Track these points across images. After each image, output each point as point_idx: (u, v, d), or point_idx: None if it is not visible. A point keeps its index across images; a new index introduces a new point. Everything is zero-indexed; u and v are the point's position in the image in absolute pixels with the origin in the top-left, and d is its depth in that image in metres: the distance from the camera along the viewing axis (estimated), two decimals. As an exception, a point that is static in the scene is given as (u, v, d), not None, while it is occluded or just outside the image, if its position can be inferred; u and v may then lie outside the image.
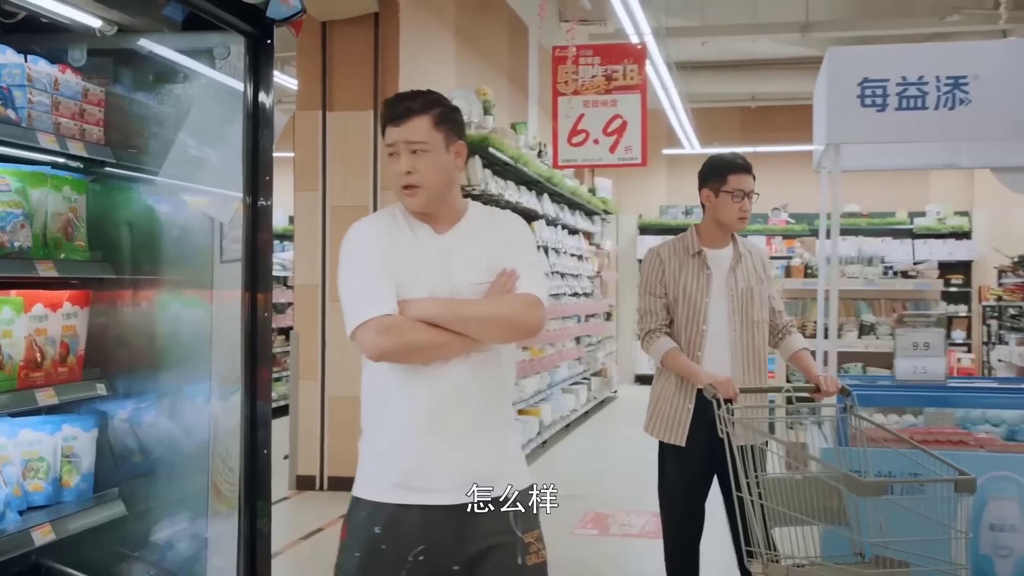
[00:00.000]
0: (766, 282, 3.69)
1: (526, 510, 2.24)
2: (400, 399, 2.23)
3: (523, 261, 2.26)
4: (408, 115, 2.19)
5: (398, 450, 2.21)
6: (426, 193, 2.20)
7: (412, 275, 2.20)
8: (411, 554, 2.16)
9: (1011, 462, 4.08)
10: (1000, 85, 4.06)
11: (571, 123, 6.51)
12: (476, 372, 2.21)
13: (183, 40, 2.69)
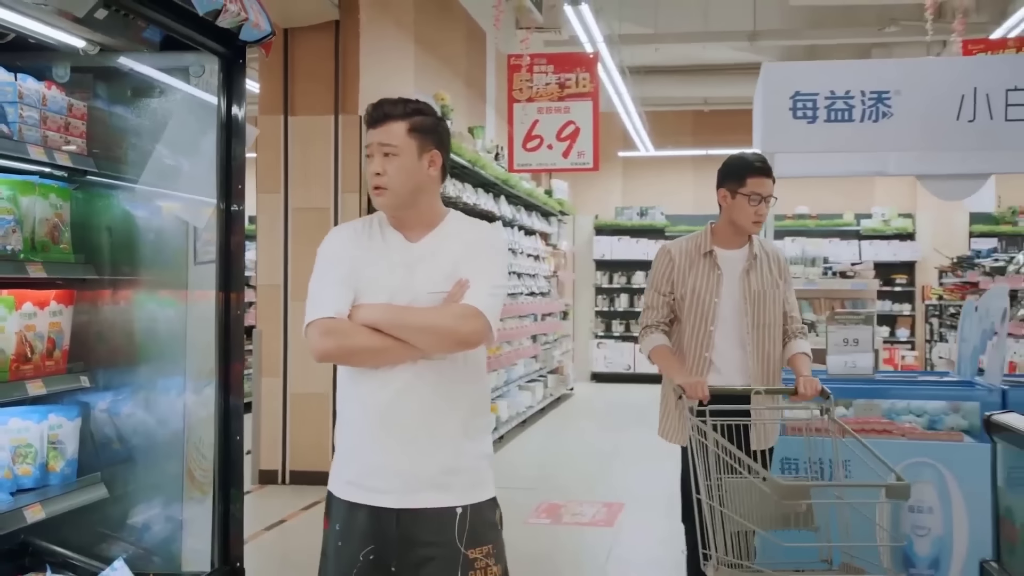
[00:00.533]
0: (781, 286, 3.60)
1: (475, 524, 2.24)
2: (353, 399, 2.31)
3: (477, 272, 2.28)
4: (385, 119, 2.28)
5: (352, 448, 2.30)
6: (392, 195, 2.27)
7: (375, 281, 2.27)
8: (362, 553, 2.23)
9: (929, 449, 4.41)
10: (919, 99, 4.39)
11: (526, 129, 6.78)
12: (423, 379, 2.25)
13: (161, 59, 2.90)
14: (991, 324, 4.71)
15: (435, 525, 2.22)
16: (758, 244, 3.61)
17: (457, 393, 2.30)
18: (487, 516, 2.30)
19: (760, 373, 3.53)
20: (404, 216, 2.34)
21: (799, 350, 3.56)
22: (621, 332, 15.25)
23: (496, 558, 2.27)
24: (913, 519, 4.44)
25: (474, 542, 2.23)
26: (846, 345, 5.09)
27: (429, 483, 2.23)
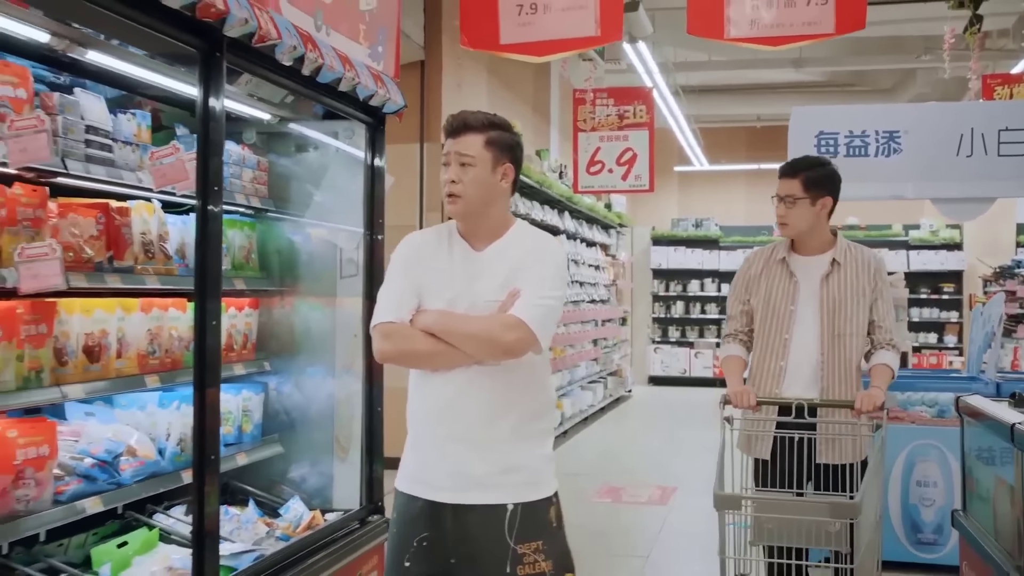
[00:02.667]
0: (868, 293, 3.41)
1: (526, 521, 2.31)
2: (416, 399, 2.43)
3: (529, 282, 2.33)
4: (464, 130, 2.37)
5: (413, 445, 2.43)
6: (464, 203, 2.36)
7: (437, 288, 2.37)
8: (416, 539, 2.34)
9: (933, 433, 5.21)
10: (924, 138, 5.20)
11: (589, 155, 7.68)
12: (478, 382, 2.32)
13: (323, 125, 3.88)
14: (991, 328, 5.49)
15: (486, 520, 2.30)
16: (843, 250, 3.46)
17: (512, 397, 2.35)
18: (540, 514, 2.35)
19: (833, 384, 3.38)
20: (474, 225, 2.41)
21: (879, 361, 3.39)
22: (677, 338, 16.03)
23: (547, 554, 2.31)
24: (920, 492, 5.24)
25: (524, 538, 2.29)
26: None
27: (480, 482, 2.30)
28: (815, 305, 3.40)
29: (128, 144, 2.99)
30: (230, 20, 2.57)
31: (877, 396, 3.20)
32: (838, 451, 3.37)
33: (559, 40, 4.03)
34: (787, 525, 2.89)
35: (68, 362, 2.76)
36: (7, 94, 2.50)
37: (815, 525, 2.87)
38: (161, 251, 3.17)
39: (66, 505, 2.63)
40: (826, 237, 3.49)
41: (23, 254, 2.45)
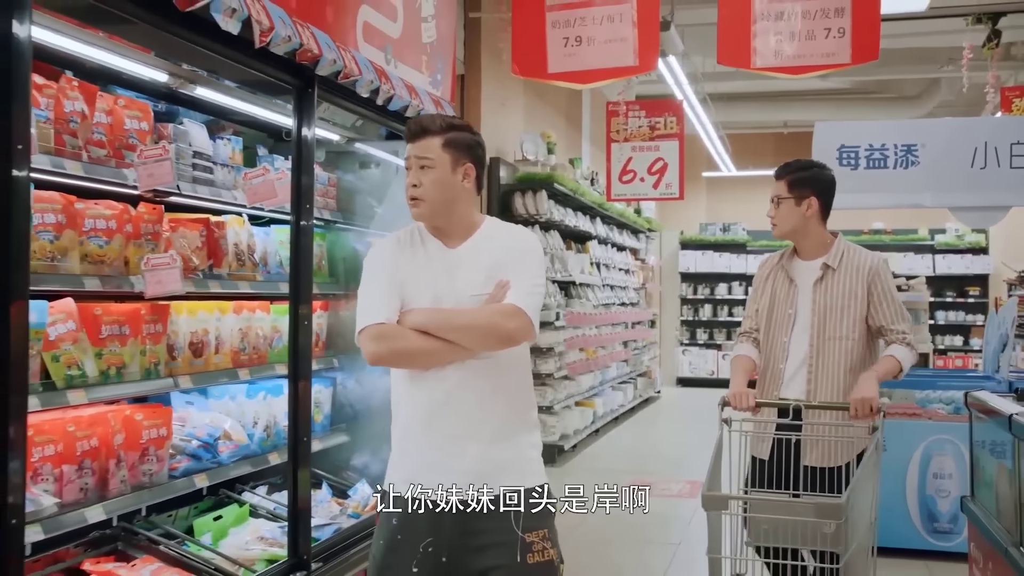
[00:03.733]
0: (862, 298, 3.40)
1: (529, 510, 2.31)
2: (406, 400, 2.38)
3: (517, 273, 2.34)
4: (422, 134, 2.36)
5: (407, 446, 2.37)
6: (428, 205, 2.35)
7: (418, 287, 2.35)
8: (421, 545, 2.29)
9: (948, 428, 5.53)
10: (941, 151, 5.53)
11: (621, 165, 8.05)
12: (471, 378, 2.32)
13: (385, 145, 4.29)
14: (1005, 330, 5.80)
15: (492, 513, 2.29)
16: (837, 255, 3.47)
17: (505, 390, 2.37)
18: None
19: (820, 388, 3.40)
20: (441, 225, 2.41)
21: (890, 352, 3.39)
22: (705, 340, 16.34)
23: (552, 542, 2.34)
24: (936, 484, 5.57)
25: (531, 526, 2.30)
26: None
27: (483, 476, 2.30)
28: (809, 309, 3.44)
29: (225, 166, 3.41)
30: (322, 61, 2.98)
31: (867, 401, 3.15)
32: (824, 454, 3.35)
33: (601, 69, 4.42)
34: (782, 526, 2.85)
35: (177, 357, 3.18)
36: (135, 127, 2.93)
37: (810, 526, 2.81)
38: (250, 260, 3.59)
39: (180, 479, 3.05)
40: (822, 240, 3.50)
41: (148, 264, 2.88)
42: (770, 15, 4.28)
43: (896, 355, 3.34)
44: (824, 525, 2.81)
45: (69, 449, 2.64)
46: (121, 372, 2.88)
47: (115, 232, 2.88)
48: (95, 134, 2.79)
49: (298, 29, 2.82)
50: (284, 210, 3.58)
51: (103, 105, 2.84)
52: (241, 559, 3.14)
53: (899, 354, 3.34)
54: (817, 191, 3.47)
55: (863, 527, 3.01)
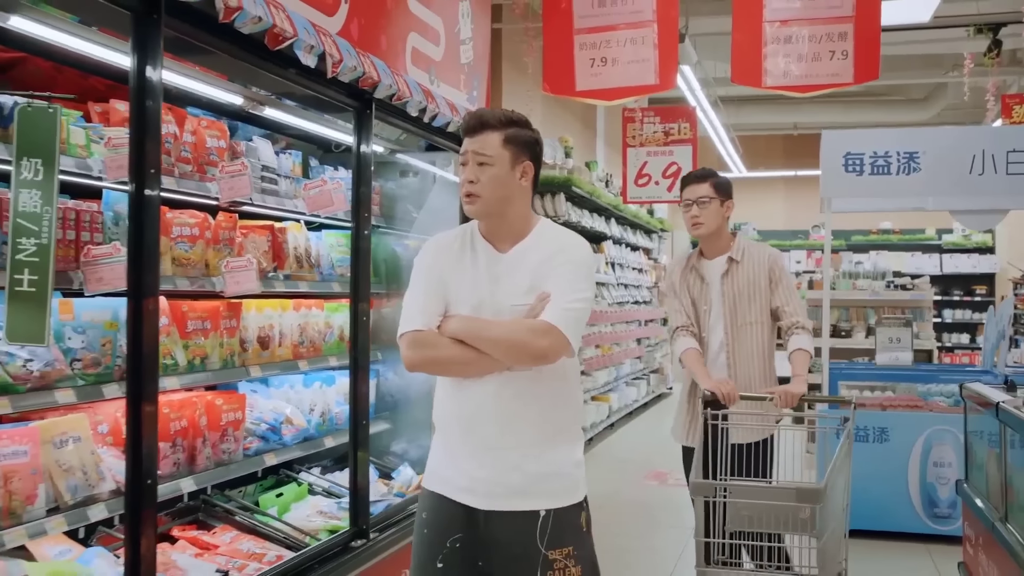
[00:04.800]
0: (765, 285, 3.73)
1: (557, 527, 2.27)
2: (445, 404, 2.39)
3: (558, 285, 2.28)
4: (481, 129, 2.29)
5: (444, 450, 2.38)
6: (483, 203, 2.29)
7: (461, 292, 2.32)
8: (449, 540, 2.30)
9: (948, 420, 5.87)
10: (941, 158, 5.85)
11: (636, 169, 8.40)
12: (509, 388, 2.27)
13: (424, 156, 4.66)
14: (1003, 327, 6.14)
15: (517, 526, 2.27)
16: (739, 249, 3.78)
17: (543, 403, 2.31)
18: (571, 520, 2.31)
19: (738, 370, 3.70)
20: (495, 225, 2.35)
21: (795, 347, 3.67)
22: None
23: (577, 559, 2.29)
24: (936, 471, 5.91)
25: (555, 544, 2.26)
26: (891, 343, 6.59)
27: (515, 489, 2.27)
28: (719, 302, 3.73)
29: (287, 178, 3.78)
30: (380, 86, 3.36)
31: (797, 389, 3.47)
32: (745, 431, 3.59)
33: (624, 87, 4.80)
34: (762, 511, 2.98)
35: (248, 349, 3.55)
36: (215, 145, 3.31)
37: (788, 511, 2.94)
38: (307, 262, 3.96)
39: (253, 457, 3.43)
40: (727, 238, 3.82)
41: (228, 266, 3.25)
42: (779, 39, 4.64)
43: (803, 347, 3.65)
44: (801, 510, 2.94)
45: (164, 429, 3.02)
46: (204, 362, 3.25)
47: (198, 238, 3.25)
48: (183, 152, 3.16)
49: (361, 59, 3.19)
50: (337, 217, 3.96)
51: (189, 126, 3.22)
52: (306, 529, 3.51)
53: (806, 344, 3.66)
54: (731, 195, 3.86)
55: (838, 512, 3.21)
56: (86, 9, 2.34)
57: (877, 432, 5.94)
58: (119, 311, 2.82)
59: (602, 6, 4.83)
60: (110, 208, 2.82)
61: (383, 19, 3.53)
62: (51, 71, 3.02)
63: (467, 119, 2.35)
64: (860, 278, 8.96)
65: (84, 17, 2.51)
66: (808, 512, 2.96)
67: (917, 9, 7.21)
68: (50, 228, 2.27)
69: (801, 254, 16.19)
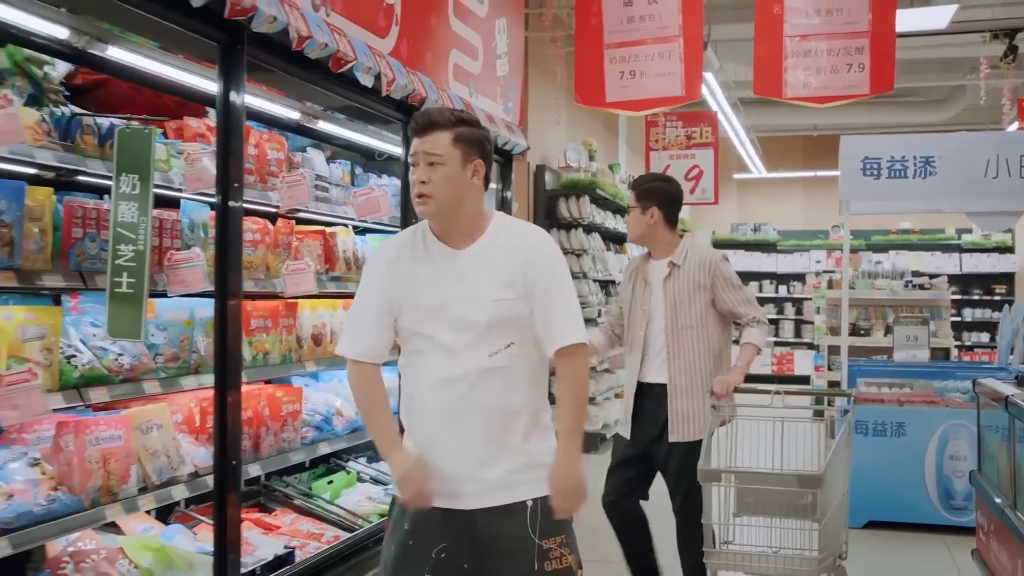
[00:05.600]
0: (707, 288, 3.72)
1: (546, 516, 2.25)
2: (418, 407, 2.33)
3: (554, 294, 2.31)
4: (430, 128, 2.25)
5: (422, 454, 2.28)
6: (435, 203, 2.24)
7: (419, 293, 2.27)
8: (434, 551, 2.24)
9: (964, 415, 6.05)
10: (957, 162, 6.05)
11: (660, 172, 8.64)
12: (483, 385, 2.23)
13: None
14: (1016, 324, 6.34)
15: (508, 520, 2.24)
16: (682, 254, 3.80)
17: (517, 396, 2.28)
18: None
19: (678, 371, 3.71)
20: (447, 224, 2.31)
21: (745, 340, 3.80)
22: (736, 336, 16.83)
23: (569, 547, 2.28)
24: (952, 465, 6.11)
25: (547, 533, 2.25)
26: (908, 341, 6.80)
27: (499, 484, 2.24)
28: (661, 304, 3.74)
29: (338, 186, 4.06)
30: (427, 101, 3.62)
31: (731, 378, 3.63)
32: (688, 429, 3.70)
33: (652, 99, 5.04)
34: (765, 497, 3.08)
35: (303, 346, 3.83)
36: (275, 157, 3.58)
37: (790, 497, 3.04)
38: (355, 264, 4.23)
39: (309, 445, 3.70)
40: (669, 242, 3.82)
41: (288, 269, 3.53)
42: (799, 53, 4.87)
43: (752, 340, 3.78)
44: (802, 496, 3.07)
45: (232, 418, 3.29)
46: (266, 357, 3.53)
47: (259, 243, 3.52)
48: (247, 164, 3.43)
49: (411, 77, 3.45)
50: (381, 221, 4.23)
51: (252, 140, 3.49)
52: (358, 513, 3.78)
53: (755, 338, 3.79)
54: (658, 201, 3.82)
55: (837, 498, 3.35)
56: (178, 40, 2.61)
57: (895, 427, 6.15)
58: (195, 310, 3.10)
59: (631, 22, 5.09)
60: (187, 216, 3.10)
61: (428, 38, 3.80)
62: (130, 91, 3.30)
63: (416, 119, 2.31)
64: (879, 278, 9.14)
65: (175, 47, 2.78)
66: (809, 498, 3.10)
67: (935, 16, 7.40)
68: (146, 236, 2.55)
69: (821, 254, 16.34)
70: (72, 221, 2.64)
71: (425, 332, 2.28)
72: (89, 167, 2.62)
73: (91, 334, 2.79)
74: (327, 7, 3.02)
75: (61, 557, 2.65)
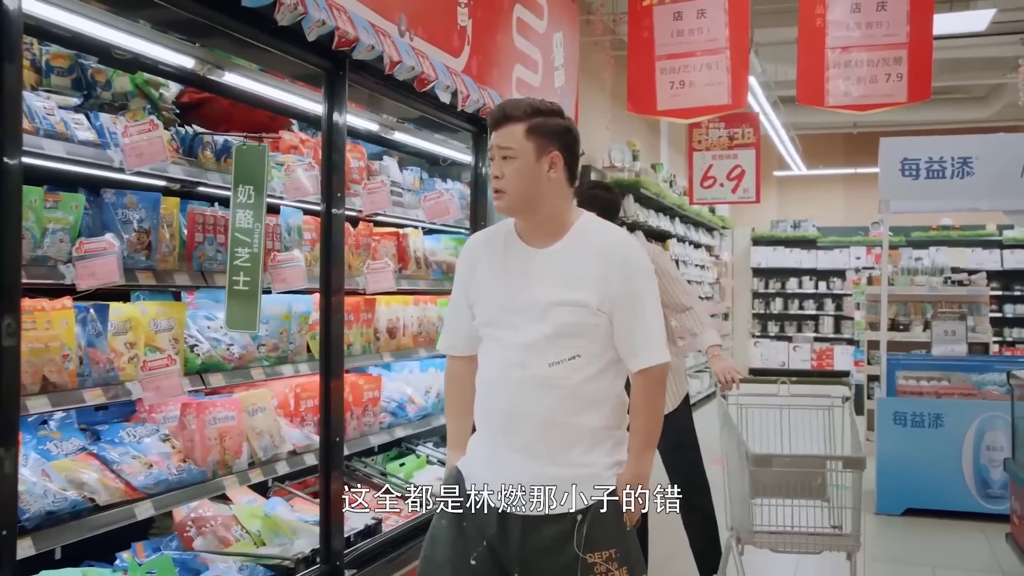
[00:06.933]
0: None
1: (595, 530, 2.18)
2: (480, 405, 2.32)
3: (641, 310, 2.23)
4: (504, 122, 2.19)
5: (481, 447, 2.31)
6: (509, 198, 2.19)
7: (488, 292, 2.25)
8: (485, 538, 2.22)
9: (1001, 406, 6.26)
10: (992, 163, 6.28)
11: (702, 172, 8.91)
12: (542, 398, 2.18)
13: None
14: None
15: (553, 532, 2.18)
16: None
17: (581, 402, 2.21)
18: (612, 521, 2.20)
19: None
20: (527, 221, 2.25)
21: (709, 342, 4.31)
22: (776, 332, 17.03)
23: (621, 561, 2.19)
24: (989, 455, 6.33)
25: (593, 547, 2.17)
26: (946, 335, 7.02)
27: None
28: None
29: (409, 191, 4.39)
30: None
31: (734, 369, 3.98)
32: None
33: (701, 107, 5.35)
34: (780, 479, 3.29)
35: (380, 338, 4.17)
36: (356, 165, 3.92)
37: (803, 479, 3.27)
38: (424, 263, 4.57)
39: (387, 429, 4.04)
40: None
41: (369, 268, 3.87)
42: (840, 63, 5.15)
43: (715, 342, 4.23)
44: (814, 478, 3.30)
45: (322, 403, 3.64)
46: (349, 348, 3.87)
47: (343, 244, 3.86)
48: (333, 172, 3.78)
49: (482, 92, 3.78)
50: (448, 223, 4.56)
51: (337, 150, 3.84)
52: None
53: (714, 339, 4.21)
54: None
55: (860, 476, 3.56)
56: (289, 67, 2.96)
57: (932, 418, 6.38)
58: (293, 305, 3.45)
59: (680, 35, 5.39)
60: (285, 221, 3.45)
61: (495, 55, 4.13)
62: (228, 107, 3.65)
63: (491, 112, 2.26)
64: (919, 274, 9.32)
65: (285, 73, 3.13)
66: (820, 480, 3.33)
67: (974, 19, 7.60)
68: (259, 240, 2.90)
69: (861, 250, 16.44)
70: (194, 227, 2.99)
71: (491, 332, 2.26)
72: (208, 179, 2.97)
73: (206, 327, 3.16)
74: (411, 32, 3.36)
75: (185, 522, 3.02)
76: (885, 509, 6.32)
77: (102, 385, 2.54)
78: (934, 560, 5.39)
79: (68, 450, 2.62)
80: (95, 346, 2.57)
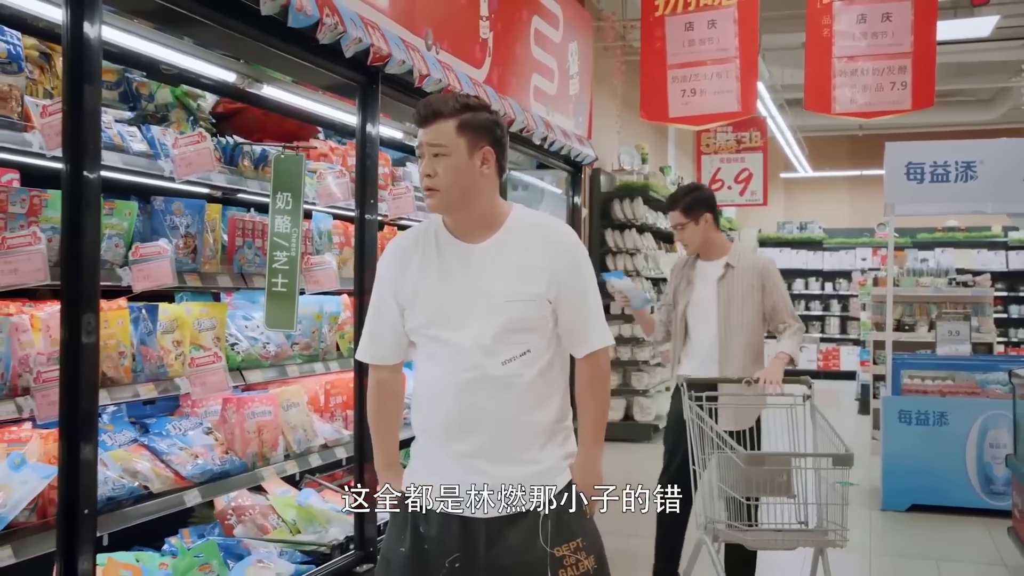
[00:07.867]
0: (758, 289, 3.92)
1: (560, 522, 2.15)
2: (427, 414, 2.22)
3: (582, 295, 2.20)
4: (433, 119, 2.12)
5: (432, 459, 2.21)
6: (443, 196, 2.12)
7: (427, 291, 2.17)
8: (448, 560, 2.14)
9: (1004, 405, 6.39)
10: (996, 167, 6.43)
11: (711, 175, 9.07)
12: (495, 397, 2.12)
13: (535, 173, 5.41)
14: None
15: (519, 530, 2.14)
16: (736, 256, 3.99)
17: (537, 409, 2.17)
18: (573, 512, 2.19)
19: (730, 364, 3.91)
20: (460, 218, 2.18)
21: (779, 349, 3.90)
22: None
23: (588, 550, 2.18)
24: (992, 452, 6.47)
25: (560, 539, 2.15)
26: (950, 335, 7.16)
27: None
28: (713, 301, 3.93)
29: (431, 196, 4.56)
30: (515, 122, 4.12)
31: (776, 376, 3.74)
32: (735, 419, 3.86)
33: (711, 114, 5.52)
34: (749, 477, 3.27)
35: (403, 337, 4.33)
36: (382, 172, 4.08)
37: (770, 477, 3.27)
38: (444, 265, 4.73)
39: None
40: (720, 244, 4.03)
41: (394, 270, 4.03)
42: (846, 72, 5.31)
43: (786, 350, 3.90)
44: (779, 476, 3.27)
45: (349, 399, 3.81)
46: (376, 347, 4.04)
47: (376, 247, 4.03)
48: (359, 178, 3.95)
49: (503, 102, 3.95)
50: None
51: (363, 157, 4.00)
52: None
53: (788, 348, 3.91)
54: (707, 207, 4.02)
55: None
56: (325, 81, 3.13)
57: (937, 416, 6.52)
58: (324, 306, 3.62)
59: (691, 44, 5.56)
60: (316, 225, 3.62)
61: (514, 65, 4.29)
62: (261, 117, 3.83)
63: (418, 108, 2.16)
64: (924, 275, 9.47)
65: (321, 86, 3.30)
66: (785, 477, 3.34)
67: (978, 25, 7.75)
68: (297, 244, 3.07)
69: (867, 251, 16.58)
70: (235, 232, 3.16)
71: (432, 335, 2.17)
72: (248, 186, 3.14)
73: (243, 326, 3.33)
74: (437, 46, 3.53)
75: (226, 511, 3.19)
76: (891, 505, 6.46)
77: (153, 380, 2.71)
78: (938, 554, 5.53)
79: (121, 441, 2.79)
80: (147, 344, 2.74)
